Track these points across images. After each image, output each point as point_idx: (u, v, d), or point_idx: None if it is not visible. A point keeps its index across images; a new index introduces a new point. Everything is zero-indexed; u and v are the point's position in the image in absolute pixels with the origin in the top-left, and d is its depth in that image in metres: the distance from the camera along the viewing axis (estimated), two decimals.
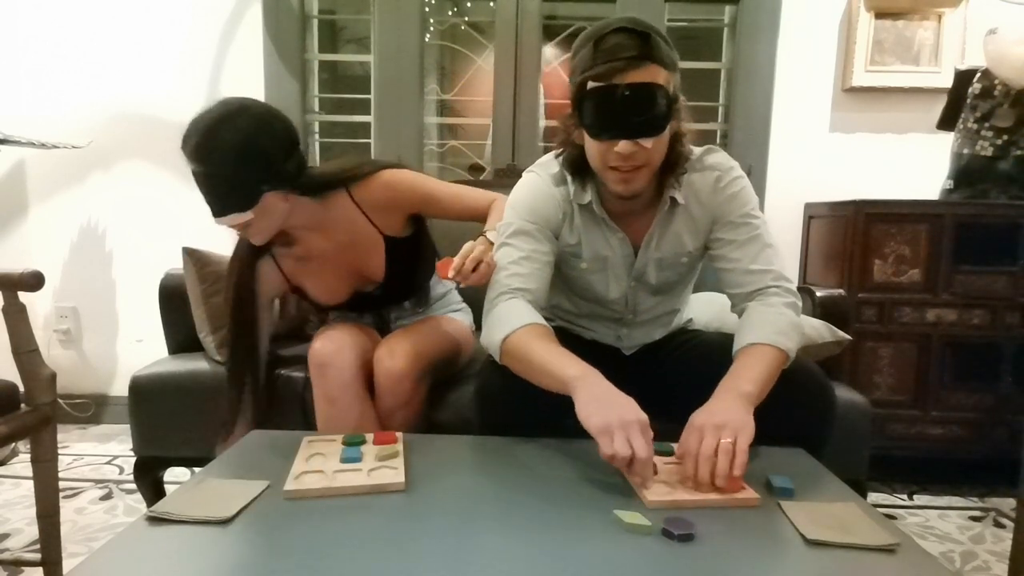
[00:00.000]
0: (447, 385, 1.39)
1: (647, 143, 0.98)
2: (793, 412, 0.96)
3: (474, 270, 1.11)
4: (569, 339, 1.09)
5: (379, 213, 1.32)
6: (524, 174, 1.19)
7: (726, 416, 0.86)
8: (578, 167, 1.11)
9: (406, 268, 1.38)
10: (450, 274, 1.09)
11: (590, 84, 0.97)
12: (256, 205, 1.15)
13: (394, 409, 1.25)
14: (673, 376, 1.22)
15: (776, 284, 1.09)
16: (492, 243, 1.22)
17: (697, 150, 1.14)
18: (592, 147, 1.03)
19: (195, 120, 1.13)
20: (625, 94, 0.95)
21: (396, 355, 1.24)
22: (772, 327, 1.02)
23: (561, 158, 1.14)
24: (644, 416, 0.85)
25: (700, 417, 0.88)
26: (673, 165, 1.08)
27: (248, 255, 1.30)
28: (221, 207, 1.15)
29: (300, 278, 1.36)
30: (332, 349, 1.24)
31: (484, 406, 1.10)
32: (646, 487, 0.82)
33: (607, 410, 0.84)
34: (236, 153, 1.11)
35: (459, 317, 1.52)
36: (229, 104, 1.15)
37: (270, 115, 1.18)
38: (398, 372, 1.23)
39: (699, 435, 0.85)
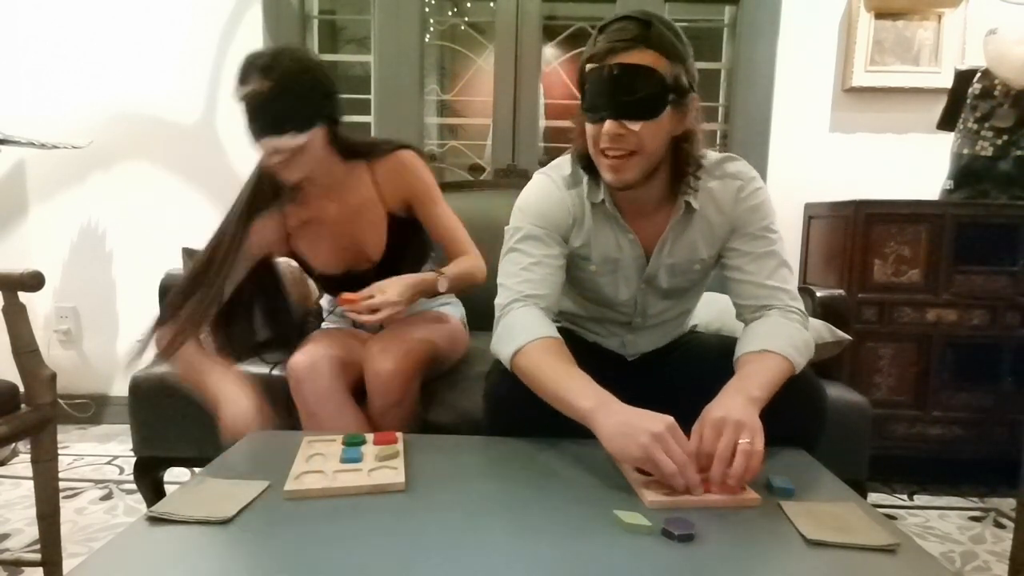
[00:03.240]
0: (446, 386, 1.39)
1: (634, 126, 0.96)
2: (784, 413, 0.95)
3: (374, 311, 1.18)
4: (572, 341, 1.08)
5: (389, 188, 1.36)
6: (535, 175, 1.16)
7: (741, 415, 0.85)
8: (588, 161, 1.08)
9: (403, 247, 1.40)
10: (345, 296, 1.19)
11: (587, 66, 0.99)
12: (310, 131, 1.20)
13: (386, 409, 1.25)
14: (676, 379, 1.21)
15: (792, 304, 1.09)
16: (433, 278, 1.30)
17: (715, 156, 1.11)
18: (588, 131, 1.02)
19: (254, 53, 1.21)
20: (614, 73, 0.95)
21: (385, 355, 1.24)
22: (788, 340, 1.01)
23: (574, 154, 1.11)
24: (667, 418, 0.84)
25: (717, 411, 0.87)
26: (683, 167, 1.05)
27: (245, 212, 1.29)
28: (279, 125, 1.17)
29: (299, 240, 1.39)
30: (306, 363, 1.25)
31: (494, 409, 1.09)
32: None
33: (634, 436, 0.82)
34: (301, 74, 1.18)
35: (449, 311, 1.51)
36: (284, 44, 1.24)
37: (320, 60, 1.28)
38: (387, 372, 1.23)
39: (717, 430, 0.84)
